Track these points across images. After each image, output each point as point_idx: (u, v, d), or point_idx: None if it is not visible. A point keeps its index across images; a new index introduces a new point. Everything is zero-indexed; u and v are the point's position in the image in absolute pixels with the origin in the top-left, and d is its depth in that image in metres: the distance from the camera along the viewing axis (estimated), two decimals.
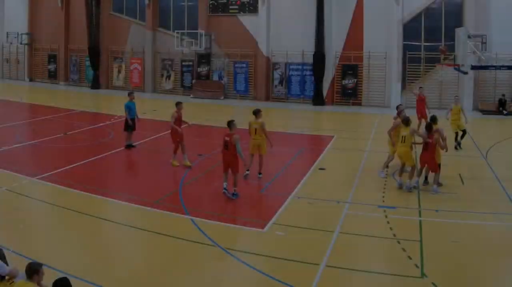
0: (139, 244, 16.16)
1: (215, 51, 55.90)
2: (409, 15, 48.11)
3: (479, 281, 13.75)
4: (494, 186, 22.50)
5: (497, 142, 31.65)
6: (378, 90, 49.72)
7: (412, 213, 19.11)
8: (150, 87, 58.87)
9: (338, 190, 21.70)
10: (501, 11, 44.56)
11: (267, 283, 13.40)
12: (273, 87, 53.32)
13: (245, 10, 53.99)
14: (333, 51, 50.38)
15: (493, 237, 16.88)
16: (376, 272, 14.24)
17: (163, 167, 25.88)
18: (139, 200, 19.80)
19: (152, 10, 57.87)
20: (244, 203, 20.26)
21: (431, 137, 21.25)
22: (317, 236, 16.67)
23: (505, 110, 44.33)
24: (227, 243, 15.74)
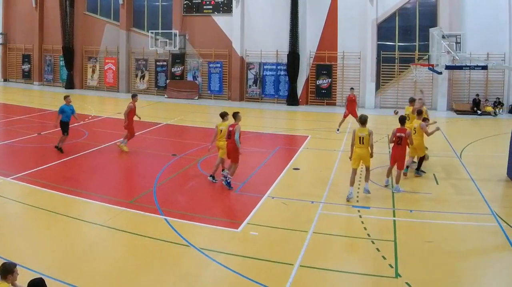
0: (114, 244, 16.05)
1: (189, 51, 55.88)
2: (383, 15, 48.33)
3: (453, 281, 13.76)
4: (468, 186, 22.64)
5: (472, 142, 31.81)
6: None
7: (387, 213, 19.11)
8: (125, 87, 58.77)
9: (312, 190, 21.74)
10: (475, 11, 45.01)
11: (241, 283, 13.36)
12: (247, 87, 53.38)
13: (219, 10, 54.04)
14: (307, 51, 50.56)
15: (467, 237, 16.91)
16: (351, 272, 14.24)
17: (138, 167, 25.94)
18: (113, 200, 19.74)
19: (126, 10, 57.73)
20: (219, 203, 20.27)
21: (405, 131, 21.41)
22: (291, 236, 16.67)
23: (479, 110, 44.65)
24: (201, 243, 15.70)
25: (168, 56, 56.48)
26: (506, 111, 45.07)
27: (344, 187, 21.66)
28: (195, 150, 28.77)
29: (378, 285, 13.60)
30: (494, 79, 46.18)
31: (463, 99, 46.69)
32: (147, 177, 23.45)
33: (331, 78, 50.13)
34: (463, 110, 45.45)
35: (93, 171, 24.59)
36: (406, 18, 48.35)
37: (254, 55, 52.47)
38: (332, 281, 13.99)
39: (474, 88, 46.06)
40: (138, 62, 58.32)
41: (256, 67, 52.65)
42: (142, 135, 32.31)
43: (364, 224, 17.69)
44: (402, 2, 47.72)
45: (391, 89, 48.46)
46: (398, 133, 21.39)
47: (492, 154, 28.93)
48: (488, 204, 19.84)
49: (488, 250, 16.11)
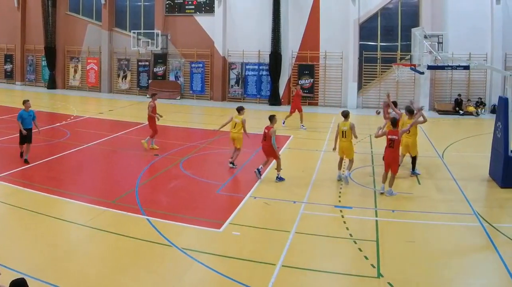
0: (95, 244, 15.96)
1: (171, 51, 55.80)
2: (365, 15, 48.40)
3: (435, 281, 13.78)
4: (450, 186, 22.69)
5: (454, 142, 31.93)
6: (334, 90, 50.01)
7: (369, 213, 19.11)
8: (107, 87, 58.61)
9: (295, 190, 21.74)
10: (457, 11, 45.22)
11: (224, 283, 13.34)
12: (229, 87, 53.32)
13: (201, 10, 54.02)
14: (290, 51, 50.57)
15: (449, 237, 16.95)
16: (333, 272, 14.23)
17: (120, 167, 25.87)
18: (95, 200, 19.67)
19: (108, 10, 57.55)
20: (201, 203, 20.14)
21: (397, 133, 21.18)
22: (273, 236, 16.69)
23: (462, 110, 44.78)
24: (183, 243, 15.67)
25: (150, 56, 56.34)
26: (488, 111, 45.16)
27: (326, 187, 21.91)
28: (177, 150, 28.80)
29: (360, 285, 13.59)
30: (476, 79, 46.36)
31: (445, 99, 46.88)
32: (129, 177, 23.40)
33: (313, 78, 50.18)
34: (445, 110, 45.62)
35: (75, 171, 24.49)
36: (388, 18, 48.42)
37: (236, 55, 52.46)
38: (314, 281, 13.95)
39: (456, 88, 46.24)
40: (120, 62, 58.17)
41: (238, 67, 52.63)
42: (124, 136, 32.32)
43: (346, 224, 17.69)
44: (384, 2, 47.86)
45: (373, 89, 48.56)
46: (390, 136, 21.10)
47: (474, 153, 29.02)
48: (470, 204, 19.90)
49: (470, 250, 16.16)
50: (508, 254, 15.16)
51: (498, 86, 44.04)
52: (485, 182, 23.41)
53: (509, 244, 16.12)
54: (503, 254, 15.09)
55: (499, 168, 22.43)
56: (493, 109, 43.35)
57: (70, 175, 23.70)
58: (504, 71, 29.97)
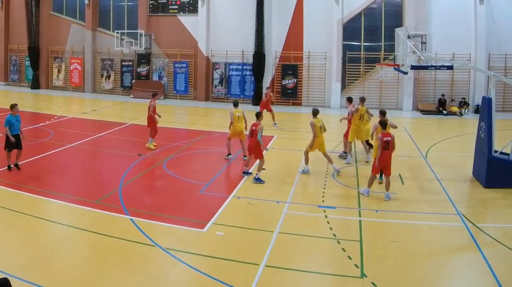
0: (79, 244, 15.91)
1: (155, 51, 55.75)
2: (349, 15, 48.42)
3: (419, 281, 13.80)
4: (434, 186, 22.74)
5: (437, 142, 31.96)
6: (318, 90, 50.03)
7: (352, 213, 19.11)
8: (90, 87, 58.44)
9: (278, 190, 21.73)
10: (440, 11, 45.43)
11: (207, 283, 13.31)
12: (213, 87, 53.29)
13: (185, 10, 53.97)
14: (273, 51, 50.60)
15: (433, 237, 16.98)
16: (316, 272, 14.23)
17: (103, 167, 25.83)
18: (79, 200, 19.60)
19: (92, 10, 57.36)
20: (184, 203, 20.11)
21: (390, 135, 21.01)
22: (257, 236, 16.69)
23: (445, 110, 44.90)
24: (167, 243, 15.65)
25: (134, 56, 56.26)
26: (471, 111, 45.31)
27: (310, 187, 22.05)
28: (160, 150, 28.69)
29: (344, 285, 13.58)
30: (459, 79, 46.49)
31: (429, 99, 47.01)
32: (113, 177, 23.37)
33: (297, 78, 50.16)
34: (428, 110, 45.72)
35: (59, 171, 24.40)
36: (372, 18, 48.51)
37: (220, 55, 52.43)
38: (298, 281, 13.94)
39: (440, 88, 46.37)
40: (104, 62, 58.03)
41: (222, 67, 52.60)
42: (107, 136, 32.24)
43: (330, 224, 17.70)
44: (368, 2, 47.92)
45: (356, 89, 48.21)
46: (385, 138, 20.77)
47: (457, 153, 29.17)
48: (453, 204, 19.94)
49: (454, 250, 16.17)
50: (491, 254, 15.20)
51: (481, 86, 44.18)
52: (469, 182, 23.45)
53: (492, 244, 16.14)
54: (486, 254, 15.12)
55: (483, 168, 22.49)
56: (476, 109, 43.56)
57: (53, 175, 23.61)
58: (488, 71, 30.05)
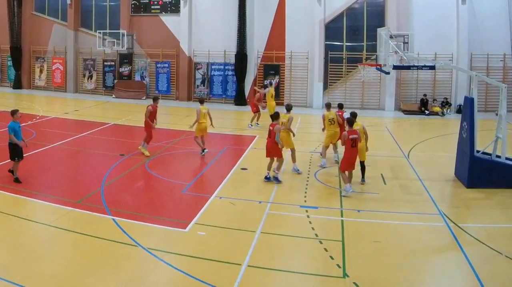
0: (61, 244, 15.90)
1: (137, 51, 55.64)
2: (331, 15, 48.51)
3: (401, 281, 13.86)
4: (416, 186, 22.81)
5: (419, 143, 32.08)
6: (300, 90, 50.14)
7: (334, 213, 19.14)
8: (72, 87, 58.21)
9: (260, 190, 21.80)
10: (423, 11, 45.65)
11: (189, 283, 13.33)
12: (195, 87, 53.23)
13: (167, 10, 53.91)
14: (255, 51, 50.59)
15: (415, 237, 17.04)
16: (298, 272, 14.24)
17: (85, 167, 25.71)
18: (61, 200, 19.56)
19: (74, 10, 57.15)
20: (166, 203, 20.15)
21: (356, 132, 21.27)
22: (239, 236, 16.69)
23: (427, 110, 45.02)
24: (149, 243, 15.64)
25: (116, 56, 56.12)
26: (453, 111, 45.47)
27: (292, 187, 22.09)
28: None
29: (326, 285, 13.59)
30: (442, 79, 46.69)
31: (411, 99, 47.14)
32: (95, 177, 23.28)
33: (279, 78, 50.17)
34: (410, 110, 45.84)
35: (41, 171, 24.30)
36: (354, 18, 48.62)
37: (202, 55, 52.38)
38: (280, 281, 14.01)
39: (422, 88, 46.53)
40: (86, 62, 57.85)
41: (204, 67, 52.55)
42: (90, 136, 32.16)
43: (312, 224, 17.73)
44: (350, 2, 48.01)
45: (339, 89, 48.62)
46: (351, 136, 21.05)
47: (440, 154, 29.21)
48: (435, 204, 20.01)
49: (436, 250, 16.21)
50: (473, 254, 15.28)
51: (463, 86, 44.38)
52: (451, 182, 23.53)
53: (474, 244, 16.22)
54: (468, 254, 15.20)
55: (465, 168, 22.58)
56: (458, 109, 43.74)
57: (35, 175, 23.49)
58: (470, 71, 30.17)
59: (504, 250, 15.46)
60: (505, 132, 22.64)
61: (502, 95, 22.73)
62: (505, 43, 44.90)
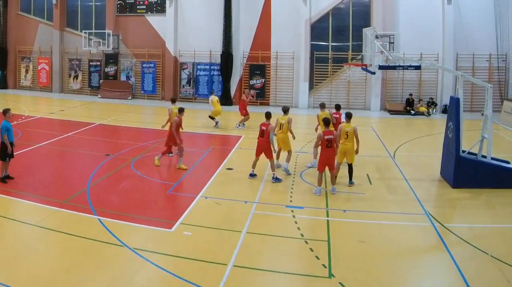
0: (47, 244, 15.84)
1: (123, 51, 55.65)
2: (316, 15, 48.65)
3: (387, 281, 13.88)
4: (402, 186, 22.85)
5: (405, 142, 32.17)
6: (285, 90, 50.21)
7: (320, 213, 19.16)
8: (58, 87, 58.20)
9: (246, 190, 21.83)
10: (408, 11, 45.86)
11: (175, 283, 13.31)
12: (181, 87, 53.29)
13: (153, 10, 53.98)
14: (241, 51, 50.72)
15: (400, 237, 17.04)
16: (284, 272, 14.23)
17: (71, 167, 25.67)
18: (46, 200, 19.49)
19: (59, 10, 57.12)
20: (152, 203, 20.11)
21: (333, 133, 21.41)
22: (225, 236, 16.66)
23: (413, 110, 45.15)
24: (134, 243, 15.61)
25: (102, 56, 56.11)
26: (439, 111, 45.66)
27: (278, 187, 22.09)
28: (128, 150, 28.70)
29: (312, 285, 13.63)
30: (427, 79, 46.91)
31: (397, 99, 47.31)
32: (81, 177, 23.23)
33: (265, 78, 50.37)
34: (396, 110, 45.98)
35: (27, 171, 24.19)
36: (340, 18, 48.73)
37: (188, 55, 52.46)
38: (266, 281, 14.00)
39: (408, 88, 46.69)
40: (72, 62, 57.80)
41: (190, 67, 52.64)
42: (75, 136, 32.09)
43: (298, 224, 17.73)
44: (336, 2, 48.16)
45: (324, 89, 48.78)
46: (327, 136, 21.12)
47: (425, 153, 29.33)
48: (421, 204, 20.05)
49: (422, 250, 16.25)
50: (459, 254, 15.31)
51: (449, 86, 44.71)
52: (437, 182, 23.57)
53: (460, 244, 16.25)
54: (454, 254, 15.23)
55: (451, 168, 22.62)
56: (444, 109, 43.97)
57: (21, 175, 23.35)
58: (456, 71, 30.25)
59: (490, 250, 15.47)
60: (490, 132, 22.71)
61: (488, 95, 22.79)
62: (490, 43, 45.12)
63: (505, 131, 36.24)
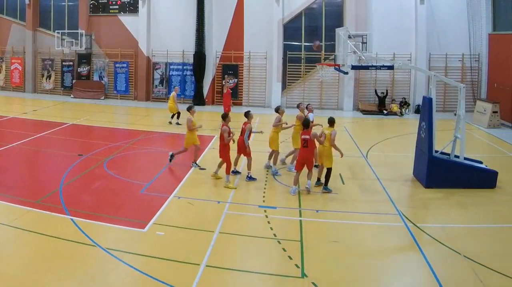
0: (19, 244, 15.78)
1: (95, 51, 55.30)
2: (289, 15, 48.53)
3: (359, 281, 13.97)
4: (374, 186, 22.94)
5: (378, 142, 32.23)
6: (258, 90, 50.15)
7: (293, 213, 19.19)
8: (31, 87, 57.74)
9: (219, 190, 21.81)
10: (381, 11, 45.96)
11: (148, 283, 13.33)
12: (153, 87, 52.99)
13: (126, 10, 53.70)
14: (214, 51, 50.52)
15: (373, 237, 17.15)
16: (257, 272, 14.28)
17: (44, 167, 25.58)
18: (19, 200, 19.43)
19: (32, 10, 56.70)
20: (124, 203, 20.07)
21: (309, 133, 21.44)
22: (198, 236, 16.69)
23: (386, 110, 45.25)
24: (107, 243, 15.60)
25: (75, 56, 55.72)
26: (412, 111, 45.73)
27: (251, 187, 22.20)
28: (101, 149, 28.58)
29: (285, 285, 13.67)
30: (400, 79, 46.95)
31: (369, 99, 47.40)
32: (54, 177, 23.16)
33: (238, 78, 50.24)
34: (369, 110, 46.03)
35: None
36: (312, 18, 48.70)
37: (161, 55, 52.25)
38: (238, 281, 14.05)
39: (380, 88, 46.55)
40: (45, 62, 57.35)
41: (162, 67, 52.40)
42: (48, 135, 31.96)
43: (271, 224, 17.79)
44: (308, 2, 48.10)
45: (297, 89, 48.77)
46: (303, 136, 21.35)
47: (398, 154, 29.45)
48: (394, 204, 20.17)
49: (394, 250, 16.36)
50: (431, 253, 15.43)
51: (422, 86, 44.79)
52: (409, 182, 23.67)
53: (432, 243, 16.36)
54: (427, 254, 15.34)
55: (423, 168, 22.75)
56: (417, 109, 44.04)
57: None
58: (428, 71, 30.36)
59: (462, 250, 15.60)
60: (463, 132, 22.85)
61: (461, 95, 22.91)
62: (463, 43, 45.21)
63: (478, 131, 36.42)
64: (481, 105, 39.87)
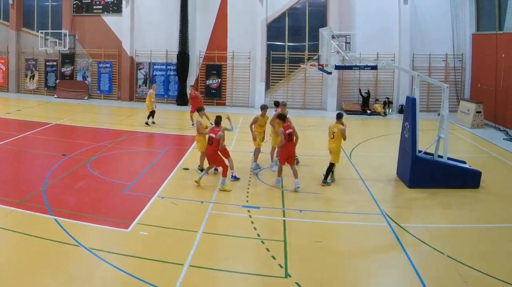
0: (3, 244, 15.78)
1: (79, 51, 55.04)
2: (273, 15, 48.55)
3: (342, 281, 14.00)
4: (358, 186, 22.98)
5: (361, 142, 32.27)
6: (242, 90, 50.10)
7: (276, 213, 19.24)
8: (14, 87, 57.41)
9: (202, 190, 21.76)
10: (364, 12, 46.05)
11: (131, 283, 13.32)
12: (137, 87, 52.84)
13: (109, 10, 53.50)
14: (197, 51, 50.45)
15: (357, 237, 17.20)
16: (240, 272, 14.33)
17: (27, 167, 25.47)
18: (2, 200, 19.36)
19: (16, 10, 56.41)
20: (108, 203, 20.07)
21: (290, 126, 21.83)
22: (181, 236, 16.72)
23: (369, 110, 45.32)
24: (91, 243, 15.57)
25: (58, 56, 55.44)
26: (395, 111, 45.86)
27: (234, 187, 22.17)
28: (84, 149, 28.50)
29: (268, 285, 13.70)
30: (384, 79, 47.07)
31: (353, 99, 47.42)
32: (37, 177, 23.09)
33: (221, 78, 50.18)
34: (352, 110, 45.92)
35: None
36: (296, 18, 48.72)
37: (144, 55, 52.09)
38: (222, 281, 14.10)
39: (364, 88, 46.64)
40: (28, 62, 57.08)
41: (146, 67, 52.27)
42: (32, 135, 31.86)
43: (254, 224, 17.81)
44: (292, 2, 48.11)
45: (280, 89, 48.73)
46: (287, 131, 21.57)
47: (381, 154, 29.44)
48: (377, 204, 20.21)
49: (378, 250, 16.42)
50: (415, 254, 15.48)
51: (405, 86, 44.94)
52: (393, 182, 23.74)
53: (416, 244, 16.42)
54: (410, 254, 15.39)
55: (407, 168, 22.81)
56: (400, 109, 44.02)
57: None
58: (412, 71, 30.47)
59: (446, 250, 15.65)
60: (447, 132, 22.89)
61: (444, 95, 22.98)
62: (447, 43, 45.36)
63: (461, 131, 36.47)
64: (465, 105, 40.01)
